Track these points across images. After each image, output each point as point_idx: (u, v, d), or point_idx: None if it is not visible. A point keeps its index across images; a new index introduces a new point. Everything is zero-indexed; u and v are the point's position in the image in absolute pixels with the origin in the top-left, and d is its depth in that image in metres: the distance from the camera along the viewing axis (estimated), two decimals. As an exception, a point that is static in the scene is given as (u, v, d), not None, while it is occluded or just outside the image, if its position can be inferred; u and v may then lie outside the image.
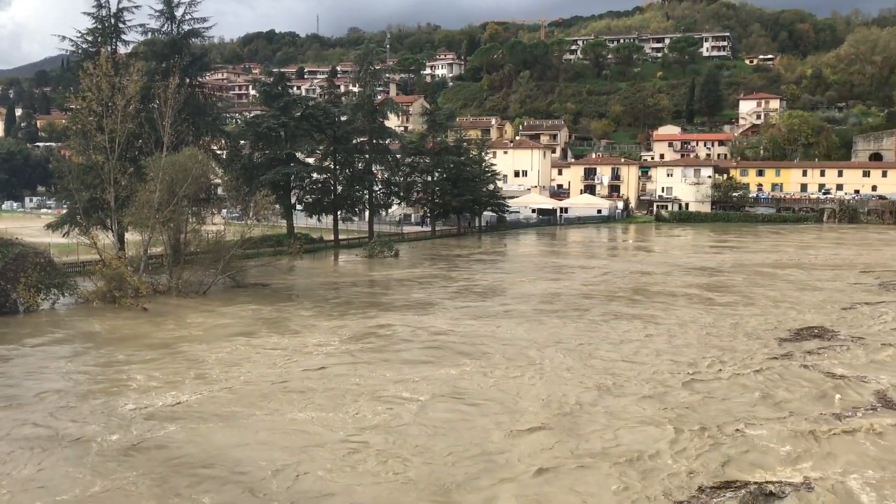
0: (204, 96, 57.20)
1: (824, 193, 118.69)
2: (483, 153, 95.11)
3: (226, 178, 56.99)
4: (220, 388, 22.66)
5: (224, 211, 61.06)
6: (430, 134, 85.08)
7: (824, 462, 17.39)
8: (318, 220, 72.54)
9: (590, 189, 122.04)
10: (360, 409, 20.65)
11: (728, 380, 23.97)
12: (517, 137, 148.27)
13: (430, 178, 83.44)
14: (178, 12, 53.92)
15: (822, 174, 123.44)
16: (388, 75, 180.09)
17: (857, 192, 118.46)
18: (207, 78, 72.00)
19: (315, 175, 69.85)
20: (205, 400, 21.57)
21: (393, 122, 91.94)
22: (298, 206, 70.39)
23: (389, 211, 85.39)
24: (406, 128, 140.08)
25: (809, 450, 18.08)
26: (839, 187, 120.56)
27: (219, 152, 61.35)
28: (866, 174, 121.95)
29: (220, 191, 58.25)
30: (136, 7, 50.22)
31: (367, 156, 72.90)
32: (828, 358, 26.81)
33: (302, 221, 72.71)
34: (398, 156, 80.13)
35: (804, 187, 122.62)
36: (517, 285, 45.80)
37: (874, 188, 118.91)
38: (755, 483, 16.12)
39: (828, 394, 22.54)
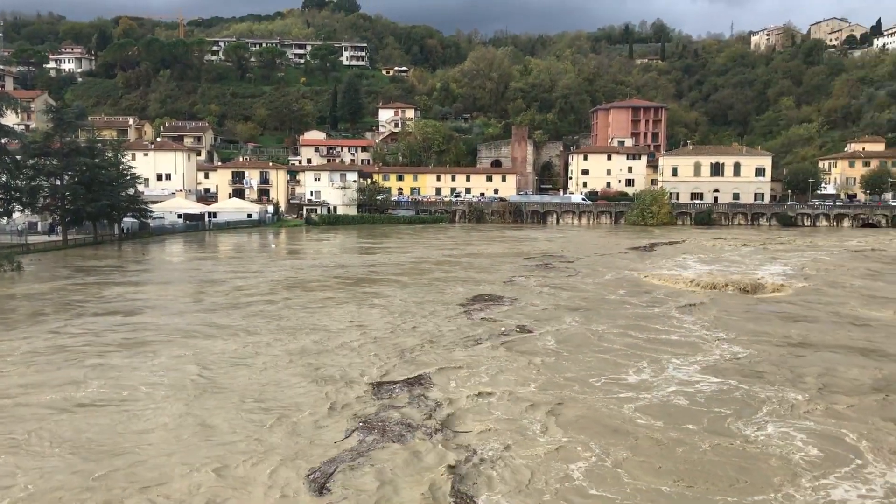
0: None
1: (455, 196, 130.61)
2: (120, 155, 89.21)
3: None
4: None
5: None
6: (57, 133, 76.79)
7: (461, 366, 26.58)
8: (-82, 231, 61.86)
9: (239, 193, 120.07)
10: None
11: (420, 328, 33.45)
12: (158, 139, 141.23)
13: (59, 182, 75.54)
14: None
15: (453, 179, 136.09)
16: (2, 67, 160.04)
17: (482, 194, 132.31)
18: None
19: (-89, 179, 59.50)
20: None
21: (11, 119, 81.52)
22: None
23: (11, 219, 75.68)
24: (28, 126, 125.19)
25: (451, 361, 27.32)
26: (468, 191, 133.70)
27: None
28: (489, 178, 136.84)
29: None
30: None
31: (-21, 157, 63.89)
32: (488, 311, 37.98)
33: None
34: (19, 157, 71.25)
35: (438, 191, 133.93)
36: (203, 291, 44.39)
37: (496, 191, 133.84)
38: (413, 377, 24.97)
39: (480, 329, 33.33)
